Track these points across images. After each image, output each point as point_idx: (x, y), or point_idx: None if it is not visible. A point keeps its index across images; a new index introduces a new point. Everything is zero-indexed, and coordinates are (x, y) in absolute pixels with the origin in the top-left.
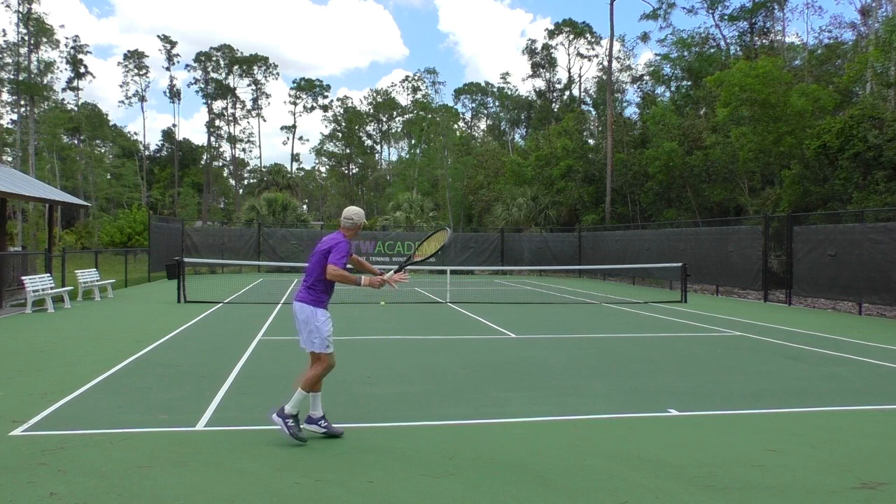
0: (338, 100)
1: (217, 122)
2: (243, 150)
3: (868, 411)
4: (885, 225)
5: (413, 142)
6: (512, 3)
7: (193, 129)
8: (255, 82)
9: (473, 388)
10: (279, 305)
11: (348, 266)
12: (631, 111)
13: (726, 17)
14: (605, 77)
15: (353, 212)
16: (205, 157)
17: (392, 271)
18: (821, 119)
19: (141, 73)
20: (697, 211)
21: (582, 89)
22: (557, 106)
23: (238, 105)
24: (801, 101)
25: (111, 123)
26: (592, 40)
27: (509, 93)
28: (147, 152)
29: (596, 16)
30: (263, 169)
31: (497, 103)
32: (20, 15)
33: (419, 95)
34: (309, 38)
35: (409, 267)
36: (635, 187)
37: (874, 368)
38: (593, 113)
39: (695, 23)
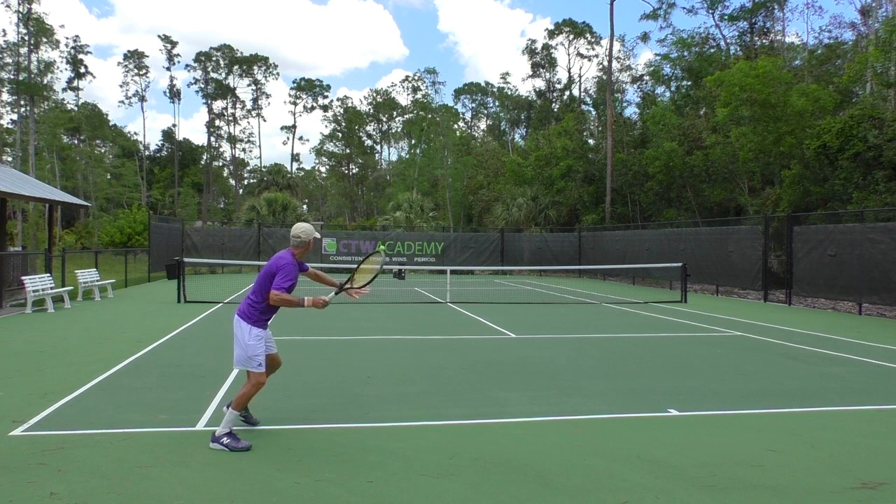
0: (338, 100)
1: (217, 122)
2: (243, 150)
3: (868, 411)
4: (885, 225)
5: (413, 142)
6: (512, 3)
7: (193, 129)
8: (255, 82)
9: (473, 388)
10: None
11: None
12: (631, 111)
13: (726, 17)
14: (605, 77)
15: (301, 229)
16: (205, 157)
17: (333, 292)
18: (821, 119)
19: (141, 73)
20: (697, 211)
21: (582, 89)
22: (557, 106)
23: (238, 105)
24: (801, 101)
25: (111, 123)
26: (592, 40)
27: (509, 93)
28: (147, 152)
29: (596, 16)
30: (263, 169)
31: (497, 103)
32: (20, 15)
33: (419, 95)
34: (309, 38)
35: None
36: (635, 187)
37: (874, 368)
38: (593, 113)
39: (695, 23)
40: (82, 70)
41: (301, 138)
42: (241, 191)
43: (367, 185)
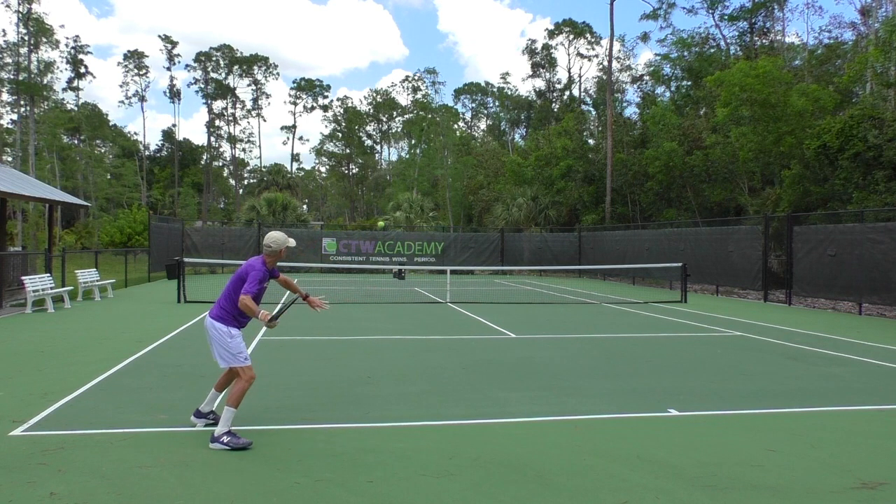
0: (338, 100)
1: (217, 122)
2: (243, 150)
3: (868, 411)
4: (885, 225)
5: (413, 142)
6: (512, 3)
7: (193, 129)
8: (255, 82)
9: (473, 388)
10: (278, 306)
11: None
12: (631, 111)
13: (726, 17)
14: (605, 77)
15: (273, 239)
16: (205, 157)
17: (273, 314)
18: (821, 119)
19: (141, 73)
20: (697, 211)
21: (582, 89)
22: (557, 106)
23: (238, 105)
24: (801, 101)
25: (111, 123)
26: (592, 40)
27: (509, 93)
28: (147, 152)
29: (596, 16)
30: (263, 169)
31: (497, 103)
32: (20, 15)
33: (419, 95)
34: (309, 38)
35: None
36: (635, 187)
37: (874, 368)
38: (593, 113)
39: (695, 23)
40: (82, 70)
41: (301, 138)
42: (241, 191)
43: (367, 185)
